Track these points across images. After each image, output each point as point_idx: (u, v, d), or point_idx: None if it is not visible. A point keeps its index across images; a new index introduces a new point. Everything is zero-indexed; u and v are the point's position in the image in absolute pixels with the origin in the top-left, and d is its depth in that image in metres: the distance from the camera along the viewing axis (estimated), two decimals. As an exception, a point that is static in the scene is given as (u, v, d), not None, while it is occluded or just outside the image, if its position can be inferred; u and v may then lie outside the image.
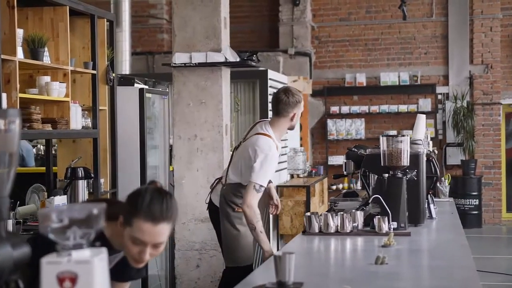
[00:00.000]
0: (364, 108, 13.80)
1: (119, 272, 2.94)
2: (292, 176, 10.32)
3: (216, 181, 5.35)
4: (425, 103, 13.64)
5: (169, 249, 7.45)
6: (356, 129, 13.85)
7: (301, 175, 10.41)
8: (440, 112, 13.71)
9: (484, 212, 13.44)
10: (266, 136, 5.02)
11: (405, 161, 4.68)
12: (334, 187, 13.38)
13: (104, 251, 1.97)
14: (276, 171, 8.06)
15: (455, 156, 13.51)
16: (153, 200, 2.62)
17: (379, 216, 4.53)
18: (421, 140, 5.45)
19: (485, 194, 13.51)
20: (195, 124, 6.60)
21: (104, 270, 1.94)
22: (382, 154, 4.71)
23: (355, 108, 13.84)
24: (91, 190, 6.12)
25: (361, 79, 13.85)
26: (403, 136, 4.73)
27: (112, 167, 6.60)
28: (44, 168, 6.48)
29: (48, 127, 5.51)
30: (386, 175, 4.69)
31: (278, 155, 5.08)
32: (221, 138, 6.59)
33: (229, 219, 5.14)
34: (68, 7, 5.79)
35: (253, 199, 4.89)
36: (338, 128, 13.89)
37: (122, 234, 2.70)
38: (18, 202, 5.54)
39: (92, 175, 6.08)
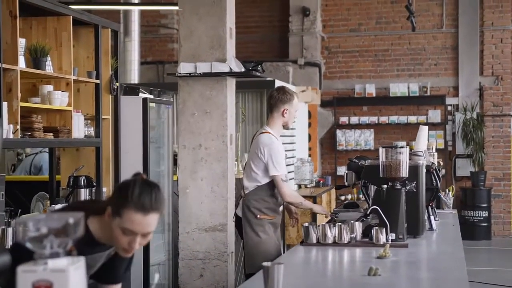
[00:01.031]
0: (374, 119, 13.77)
1: (107, 273, 2.99)
2: (299, 187, 10.32)
3: (239, 199, 5.64)
4: (435, 114, 13.59)
5: (173, 258, 7.46)
6: (365, 139, 13.82)
7: (308, 186, 10.40)
8: (449, 124, 13.66)
9: (493, 224, 13.37)
10: (265, 133, 5.47)
11: (404, 172, 4.68)
12: (342, 198, 13.34)
13: (81, 260, 1.98)
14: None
15: (464, 168, 13.46)
16: (143, 192, 2.69)
17: (377, 228, 4.52)
18: (422, 151, 5.44)
19: (494, 206, 13.43)
20: (200, 133, 6.61)
21: (80, 279, 1.95)
22: (381, 165, 4.71)
23: (365, 119, 13.82)
24: (93, 198, 6.13)
25: (371, 89, 13.83)
26: (402, 147, 4.73)
27: (114, 176, 6.62)
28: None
29: (50, 136, 5.53)
30: (385, 186, 4.69)
31: (282, 144, 5.51)
32: (226, 148, 6.60)
33: (251, 226, 5.43)
34: (71, 17, 5.83)
35: (287, 188, 5.47)
36: (347, 139, 13.87)
37: (109, 226, 2.75)
38: (20, 210, 5.56)
39: (94, 184, 6.11)
